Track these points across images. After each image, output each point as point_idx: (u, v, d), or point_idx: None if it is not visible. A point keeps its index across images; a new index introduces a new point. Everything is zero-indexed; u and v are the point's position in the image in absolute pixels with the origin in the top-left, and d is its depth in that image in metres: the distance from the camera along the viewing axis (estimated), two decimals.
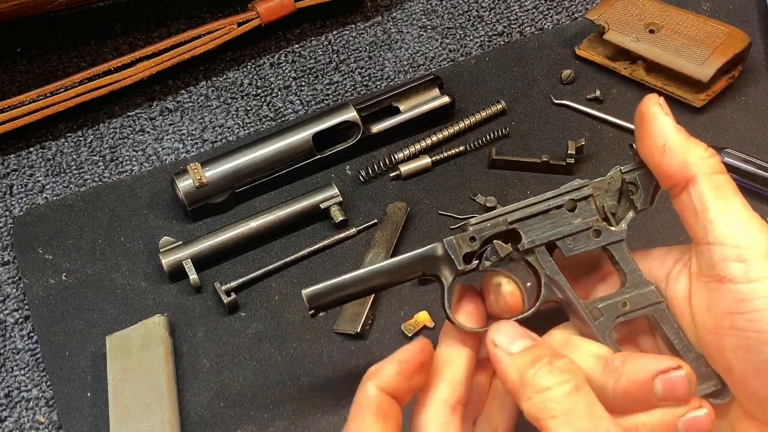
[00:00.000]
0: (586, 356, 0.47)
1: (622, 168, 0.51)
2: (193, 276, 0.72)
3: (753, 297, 0.43)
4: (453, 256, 0.48)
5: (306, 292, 0.49)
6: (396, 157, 0.80)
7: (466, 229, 0.49)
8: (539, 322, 0.49)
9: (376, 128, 0.81)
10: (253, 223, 0.75)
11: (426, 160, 0.79)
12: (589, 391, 0.43)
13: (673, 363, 0.44)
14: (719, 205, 0.45)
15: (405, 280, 0.49)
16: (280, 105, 0.87)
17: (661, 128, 0.48)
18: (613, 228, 0.49)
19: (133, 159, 0.83)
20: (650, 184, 0.50)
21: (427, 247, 0.48)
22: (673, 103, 0.82)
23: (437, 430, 0.46)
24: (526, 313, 0.48)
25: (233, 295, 0.71)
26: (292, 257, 0.74)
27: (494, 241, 0.48)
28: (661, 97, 0.49)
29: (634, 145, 0.50)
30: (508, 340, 0.45)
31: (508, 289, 0.49)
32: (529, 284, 0.49)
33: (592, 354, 0.47)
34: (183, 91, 0.88)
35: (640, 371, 0.44)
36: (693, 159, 0.47)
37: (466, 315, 0.49)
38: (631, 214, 0.50)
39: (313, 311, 0.49)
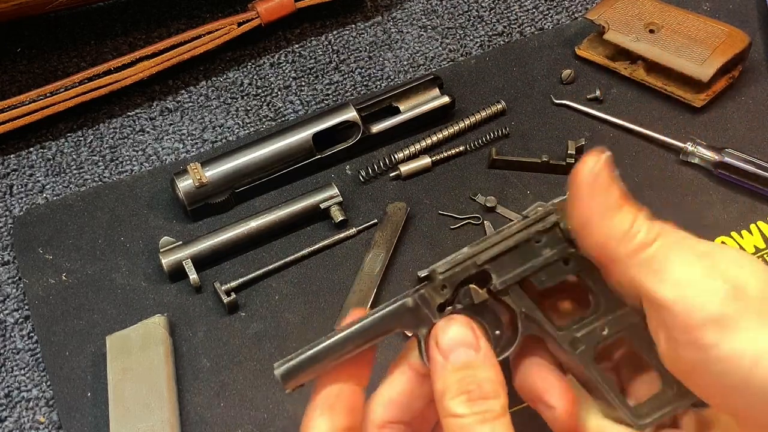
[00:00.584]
0: None
1: None
2: (193, 276, 0.72)
3: (719, 351, 0.41)
4: (427, 311, 0.47)
5: (279, 371, 0.46)
6: (396, 157, 0.80)
7: (434, 279, 0.48)
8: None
9: (376, 128, 0.81)
10: (253, 223, 0.75)
11: (426, 160, 0.79)
12: (498, 423, 0.43)
13: None
14: (654, 280, 0.43)
15: (380, 338, 0.47)
16: (280, 105, 0.87)
17: (586, 201, 0.44)
18: (581, 253, 0.49)
19: (133, 159, 0.83)
20: None
21: (397, 304, 0.47)
22: (673, 103, 0.82)
23: None
24: (504, 355, 0.48)
25: (233, 295, 0.71)
26: (292, 257, 0.74)
27: (471, 286, 0.47)
28: (603, 157, 0.44)
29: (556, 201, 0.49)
30: (451, 344, 0.45)
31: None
32: (498, 332, 0.48)
33: None
34: (183, 91, 0.88)
35: None
36: (612, 241, 0.43)
37: None
38: None
39: (289, 390, 0.47)
